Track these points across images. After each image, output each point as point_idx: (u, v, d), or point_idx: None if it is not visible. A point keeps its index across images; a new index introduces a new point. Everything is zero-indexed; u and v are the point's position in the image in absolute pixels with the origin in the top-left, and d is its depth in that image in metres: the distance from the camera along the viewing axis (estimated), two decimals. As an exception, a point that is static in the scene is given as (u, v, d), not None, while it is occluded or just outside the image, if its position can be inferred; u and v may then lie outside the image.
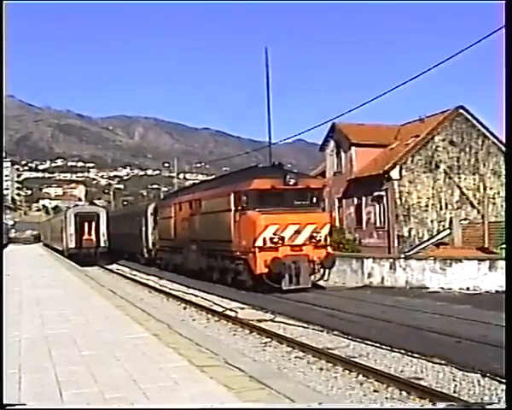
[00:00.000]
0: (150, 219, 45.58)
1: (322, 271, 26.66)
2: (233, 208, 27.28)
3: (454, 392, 10.31)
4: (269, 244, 25.20)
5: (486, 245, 30.42)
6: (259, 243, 25.21)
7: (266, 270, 24.99)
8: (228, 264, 28.36)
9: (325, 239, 26.40)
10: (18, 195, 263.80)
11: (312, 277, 26.29)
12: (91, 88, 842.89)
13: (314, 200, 27.32)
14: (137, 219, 48.84)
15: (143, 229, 46.72)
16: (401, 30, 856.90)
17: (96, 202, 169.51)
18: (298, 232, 25.74)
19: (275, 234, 25.34)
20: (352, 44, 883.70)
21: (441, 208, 40.60)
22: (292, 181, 26.48)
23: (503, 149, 35.59)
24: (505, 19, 8.09)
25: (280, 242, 25.36)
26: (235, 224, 27.10)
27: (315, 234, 25.97)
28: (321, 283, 27.43)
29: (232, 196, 27.43)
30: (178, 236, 36.61)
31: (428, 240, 37.68)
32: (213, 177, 57.16)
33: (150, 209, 46.05)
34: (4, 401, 6.20)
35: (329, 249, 26.90)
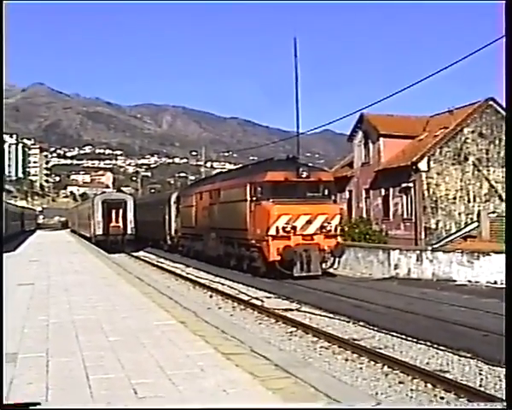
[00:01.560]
0: (173, 207, 46.57)
1: (332, 259, 27.57)
2: (249, 199, 28.56)
3: (480, 386, 10.28)
4: (281, 233, 26.44)
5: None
6: (272, 231, 26.48)
7: (279, 257, 26.21)
8: (244, 251, 29.54)
9: (335, 229, 27.56)
10: (46, 181, 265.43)
11: (324, 265, 27.23)
12: (120, 76, 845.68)
13: (325, 192, 28.46)
14: (161, 208, 49.78)
15: (167, 217, 47.73)
16: (431, 20, 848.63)
17: (124, 189, 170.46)
18: (309, 222, 26.87)
19: (287, 224, 26.55)
20: (381, 35, 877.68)
21: (469, 201, 40.32)
22: (304, 174, 27.72)
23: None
24: (505, 19, 8.01)
25: (292, 231, 26.55)
26: (250, 213, 28.38)
27: (325, 224, 27.11)
28: (343, 273, 28.87)
29: (248, 187, 28.70)
30: (199, 224, 37.89)
31: (456, 232, 37.43)
32: (233, 168, 58.38)
33: (173, 198, 46.98)
34: (4, 401, 6.24)
35: (339, 239, 28.03)
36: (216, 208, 33.98)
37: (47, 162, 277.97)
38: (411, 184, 40.49)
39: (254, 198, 28.03)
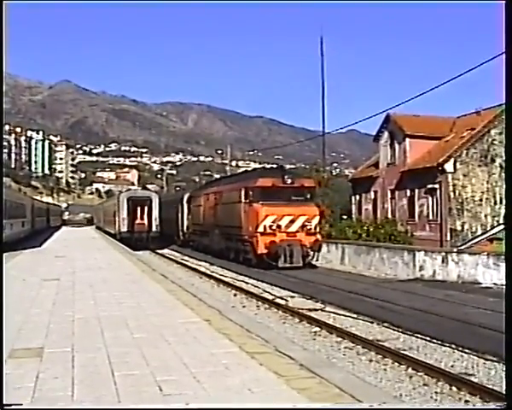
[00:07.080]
0: (185, 206, 49.84)
1: (311, 253, 31.52)
2: (243, 201, 33.18)
3: (506, 389, 10.18)
4: (268, 231, 30.87)
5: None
6: (261, 229, 30.96)
7: (266, 251, 30.72)
8: (240, 245, 34.14)
9: (315, 228, 31.79)
10: (72, 178, 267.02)
11: (307, 258, 31.33)
12: (146, 74, 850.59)
13: (308, 196, 32.71)
14: (175, 206, 52.56)
15: (179, 215, 50.99)
16: (457, 21, 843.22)
17: (149, 186, 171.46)
18: (292, 222, 31.22)
19: (273, 222, 30.99)
20: (407, 35, 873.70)
21: (496, 203, 40.04)
22: (289, 180, 32.19)
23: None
24: (505, 19, 7.94)
25: (277, 229, 30.90)
26: (244, 213, 32.98)
27: (306, 223, 31.44)
28: (367, 273, 29.99)
29: (243, 190, 33.33)
30: (206, 221, 42.78)
31: (482, 235, 37.16)
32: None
33: (186, 198, 50.15)
34: (4, 401, 6.28)
35: (318, 236, 32.07)
36: (219, 208, 38.88)
37: (73, 159, 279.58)
38: (437, 186, 40.32)
39: (247, 200, 32.56)
